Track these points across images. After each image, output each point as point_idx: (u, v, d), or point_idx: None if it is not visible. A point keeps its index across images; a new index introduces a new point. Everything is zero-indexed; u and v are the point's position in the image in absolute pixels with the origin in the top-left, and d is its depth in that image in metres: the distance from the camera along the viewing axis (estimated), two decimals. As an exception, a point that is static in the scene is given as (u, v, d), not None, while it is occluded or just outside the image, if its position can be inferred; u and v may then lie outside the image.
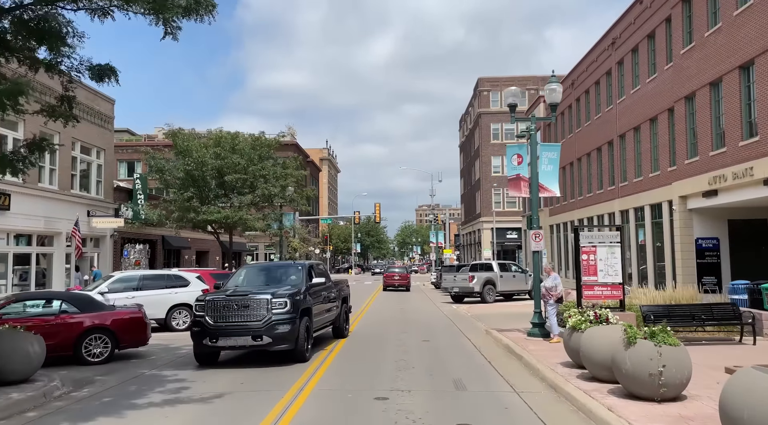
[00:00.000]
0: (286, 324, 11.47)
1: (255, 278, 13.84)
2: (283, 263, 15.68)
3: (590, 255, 13.31)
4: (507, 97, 14.33)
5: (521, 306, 26.97)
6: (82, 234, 26.87)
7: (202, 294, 14.58)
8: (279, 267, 14.78)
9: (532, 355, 11.70)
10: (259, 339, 11.35)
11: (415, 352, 13.17)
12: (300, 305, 11.99)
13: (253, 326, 11.41)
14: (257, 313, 11.46)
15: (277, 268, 14.52)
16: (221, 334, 11.39)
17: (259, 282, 13.43)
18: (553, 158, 14.45)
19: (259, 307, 11.51)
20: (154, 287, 18.01)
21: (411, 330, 17.65)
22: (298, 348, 11.73)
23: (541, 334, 14.02)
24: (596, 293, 13.24)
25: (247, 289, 12.54)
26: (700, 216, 23.97)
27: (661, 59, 26.52)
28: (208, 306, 11.59)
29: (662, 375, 7.55)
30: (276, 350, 11.55)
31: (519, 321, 18.73)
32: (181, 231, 34.94)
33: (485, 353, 12.99)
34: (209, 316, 11.49)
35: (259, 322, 11.44)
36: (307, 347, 12.05)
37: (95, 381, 10.65)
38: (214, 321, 11.46)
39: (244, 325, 11.44)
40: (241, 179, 28.56)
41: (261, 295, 11.71)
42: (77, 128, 27.31)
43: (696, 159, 23.27)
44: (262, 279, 13.72)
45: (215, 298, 11.71)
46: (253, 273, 14.29)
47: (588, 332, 9.37)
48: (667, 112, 26.01)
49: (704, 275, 23.56)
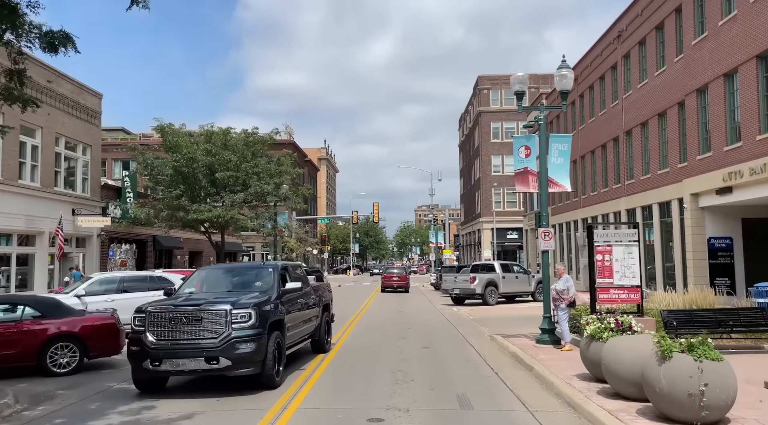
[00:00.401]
0: (250, 342, 9.13)
1: (215, 283, 11.43)
2: (250, 265, 13.12)
3: (605, 255, 12.20)
4: (514, 84, 13.21)
5: (525, 308, 25.85)
6: (67, 234, 25.73)
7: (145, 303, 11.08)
8: (245, 269, 12.32)
9: (544, 366, 10.58)
10: (214, 362, 8.97)
11: (415, 361, 12.05)
12: (269, 317, 9.69)
13: (208, 345, 9.01)
14: (213, 328, 9.09)
15: (243, 271, 12.10)
16: (166, 355, 8.98)
17: (219, 289, 11.06)
18: (564, 150, 13.34)
19: (215, 321, 9.11)
20: (136, 289, 16.83)
21: (410, 335, 16.53)
22: (265, 372, 9.41)
23: (552, 341, 12.91)
24: (612, 296, 12.14)
25: (203, 297, 10.08)
26: (712, 214, 22.87)
27: (671, 51, 25.43)
28: (150, 319, 9.18)
29: (704, 396, 6.44)
30: (237, 375, 9.26)
31: (524, 326, 17.62)
32: (173, 231, 33.79)
33: (491, 362, 11.86)
34: (151, 332, 9.11)
35: (215, 340, 9.03)
36: (277, 369, 9.75)
37: (56, 396, 9.52)
38: (157, 338, 9.07)
39: (196, 344, 9.03)
40: (233, 177, 27.40)
41: (218, 305, 9.27)
42: (61, 123, 26.35)
43: (709, 154, 22.16)
44: (223, 284, 11.33)
45: (159, 309, 9.29)
46: (213, 277, 11.79)
47: (611, 342, 8.25)
48: (677, 106, 24.91)
49: (717, 276, 22.46)
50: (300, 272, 12.81)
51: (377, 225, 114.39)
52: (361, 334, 17.02)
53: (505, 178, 67.43)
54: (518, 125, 68.00)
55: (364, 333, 17.18)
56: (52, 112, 25.01)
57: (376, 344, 14.84)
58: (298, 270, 12.77)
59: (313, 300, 12.70)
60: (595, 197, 35.24)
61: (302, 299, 11.80)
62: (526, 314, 22.57)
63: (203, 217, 26.15)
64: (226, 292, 10.70)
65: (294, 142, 71.17)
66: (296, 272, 12.44)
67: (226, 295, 10.30)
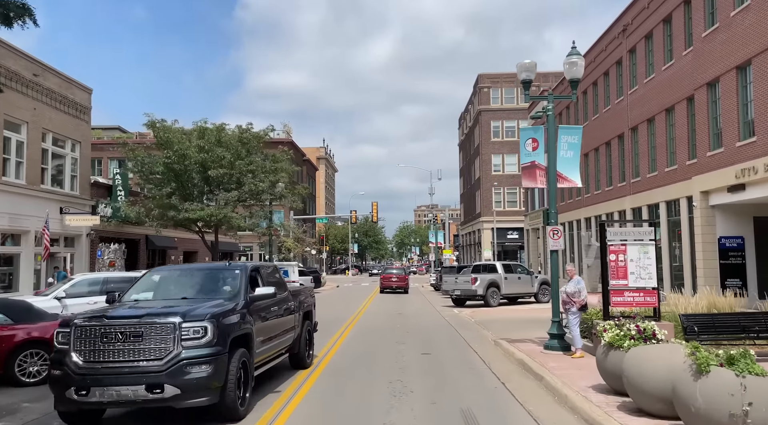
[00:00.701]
0: (205, 364, 7.24)
1: (169, 288, 9.47)
2: (214, 266, 10.71)
3: (619, 254, 11.33)
4: (520, 71, 12.34)
5: (528, 310, 25.01)
6: (54, 233, 24.88)
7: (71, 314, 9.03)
8: (207, 271, 10.05)
9: (555, 375, 9.71)
10: (158, 391, 7.05)
11: (414, 370, 11.18)
12: (232, 330, 7.86)
13: (150, 368, 7.08)
14: (157, 347, 7.17)
15: (204, 273, 9.91)
16: (96, 382, 7.04)
17: (173, 295, 9.14)
18: (574, 143, 12.48)
19: (160, 337, 7.20)
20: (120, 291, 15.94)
21: (409, 339, 15.67)
22: (226, 401, 7.52)
23: (561, 347, 12.04)
24: (626, 299, 11.26)
25: (148, 307, 8.17)
26: (723, 213, 22.02)
27: (679, 44, 24.57)
28: (76, 334, 7.26)
29: (748, 417, 5.59)
30: (189, 406, 7.32)
31: (530, 329, 16.77)
32: (168, 231, 32.88)
33: (497, 370, 10.99)
34: (78, 352, 7.19)
35: (160, 362, 7.11)
36: (242, 397, 7.89)
37: (19, 409, 8.66)
38: (84, 359, 7.15)
39: (135, 367, 7.10)
40: (227, 174, 26.51)
41: (164, 318, 7.35)
42: (48, 118, 25.44)
43: (720, 150, 21.31)
44: (179, 289, 9.34)
45: (89, 322, 7.35)
46: (167, 280, 9.79)
47: (634, 352, 7.39)
48: (685, 101, 24.06)
49: (728, 277, 21.61)
50: (276, 275, 11.02)
51: (376, 225, 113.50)
52: (357, 338, 16.16)
53: (506, 178, 66.65)
54: (519, 124, 67.18)
55: (360, 338, 16.31)
56: (38, 107, 24.15)
57: (372, 349, 13.98)
58: (272, 272, 10.95)
59: (292, 308, 10.77)
60: (598, 196, 34.39)
61: (277, 307, 9.93)
62: (530, 316, 21.73)
63: (195, 216, 25.25)
64: (179, 300, 8.73)
65: (292, 141, 70.29)
66: (270, 275, 10.63)
67: (178, 304, 8.28)
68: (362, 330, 18.05)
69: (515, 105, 67.65)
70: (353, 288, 49.32)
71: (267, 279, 10.16)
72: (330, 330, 17.74)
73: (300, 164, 75.64)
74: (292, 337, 10.80)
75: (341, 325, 19.44)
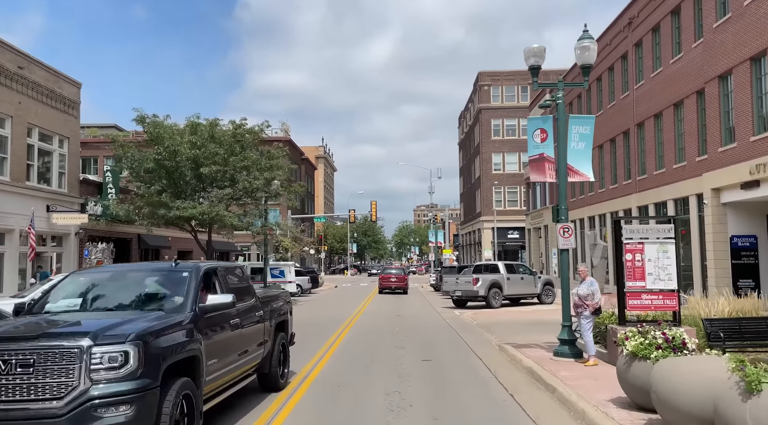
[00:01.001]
0: (123, 404, 5.27)
1: (94, 296, 7.25)
2: (156, 266, 8.71)
3: (636, 254, 10.47)
4: (528, 56, 11.45)
5: (532, 312, 24.16)
6: (41, 232, 24.01)
7: None
8: (145, 274, 7.86)
9: (568, 386, 8.83)
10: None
11: (414, 379, 10.30)
12: (168, 355, 5.82)
13: (43, 412, 5.14)
14: (55, 382, 5.21)
15: (141, 277, 7.73)
16: None
17: (98, 305, 7.08)
18: (586, 134, 11.60)
19: (59, 367, 5.24)
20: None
21: (408, 344, 14.79)
22: None
23: (572, 354, 11.16)
24: (644, 303, 10.41)
25: (53, 321, 6.24)
26: (735, 210, 21.15)
27: (688, 36, 23.70)
28: None
29: (810, 445, 4.70)
30: None
31: (535, 332, 15.91)
32: (161, 230, 32.01)
33: (504, 380, 10.11)
34: None
35: (58, 403, 5.15)
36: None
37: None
38: None
39: (21, 411, 5.16)
40: (221, 171, 25.61)
41: (66, 340, 5.39)
42: (34, 112, 24.50)
43: (733, 145, 20.44)
44: (107, 298, 7.21)
45: None
46: (93, 285, 7.49)
47: (664, 365, 6.51)
48: (695, 95, 23.18)
49: (740, 278, 20.75)
50: (240, 278, 8.76)
51: (375, 225, 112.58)
52: (353, 342, 15.28)
53: (506, 176, 65.82)
54: (519, 122, 66.38)
55: (357, 341, 15.43)
56: (23, 101, 23.25)
57: (369, 355, 13.11)
58: (235, 274, 8.65)
59: (260, 318, 8.70)
60: (603, 194, 33.51)
61: (239, 318, 7.82)
62: (534, 318, 20.88)
63: (186, 214, 24.32)
64: (103, 312, 6.77)
65: (290, 140, 69.43)
66: (232, 277, 8.37)
67: (94, 319, 6.31)
68: (359, 333, 17.18)
69: (516, 103, 66.87)
70: (352, 289, 48.46)
71: (228, 284, 8.01)
72: (325, 334, 16.89)
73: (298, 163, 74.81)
74: (261, 354, 8.72)
75: (337, 328, 18.58)
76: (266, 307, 9.09)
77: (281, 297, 10.30)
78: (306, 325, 19.49)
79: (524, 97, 66.18)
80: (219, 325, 7.23)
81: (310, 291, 39.83)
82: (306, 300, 33.13)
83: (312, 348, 14.05)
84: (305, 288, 38.01)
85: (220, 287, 7.80)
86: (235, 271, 8.81)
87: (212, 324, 7.03)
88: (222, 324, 7.31)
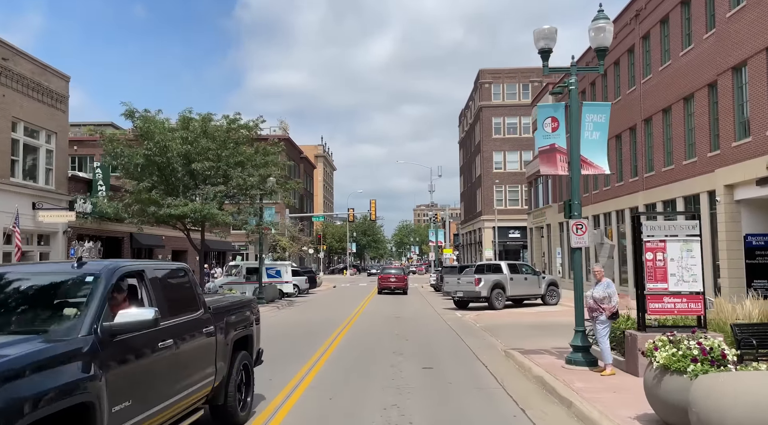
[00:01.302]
0: None
1: None
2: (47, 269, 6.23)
3: (657, 253, 9.56)
4: (538, 39, 10.52)
5: (536, 313, 23.26)
6: (27, 230, 23.08)
7: None
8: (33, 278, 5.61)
9: (586, 400, 7.92)
10: None
11: (414, 390, 9.39)
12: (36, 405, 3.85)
13: None
14: None
15: (26, 283, 5.48)
16: None
17: None
18: (601, 122, 10.69)
19: None
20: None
21: (407, 349, 13.88)
22: None
23: (586, 362, 10.24)
24: (666, 306, 9.51)
25: None
26: (750, 208, 20.26)
27: (699, 27, 22.79)
28: None
29: None
30: None
31: (542, 336, 15.02)
32: (155, 228, 31.10)
33: (513, 391, 9.20)
34: None
35: None
36: None
37: None
38: None
39: None
40: (213, 167, 24.67)
41: None
42: (19, 106, 23.52)
43: (747, 140, 19.54)
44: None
45: None
46: None
47: (706, 382, 5.61)
48: (707, 88, 22.27)
49: (755, 278, 19.79)
50: (181, 283, 6.59)
51: (375, 224, 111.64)
52: (349, 347, 14.37)
53: (507, 175, 64.93)
54: (521, 120, 65.49)
55: (353, 346, 14.52)
56: (7, 94, 22.30)
57: (365, 360, 12.20)
58: (174, 277, 6.52)
59: (209, 334, 6.61)
60: (608, 192, 32.61)
61: (173, 339, 5.74)
62: (540, 321, 19.99)
63: (177, 212, 23.37)
64: None
65: (289, 138, 68.53)
66: (170, 282, 6.34)
67: None
68: (356, 337, 16.27)
69: (517, 101, 66.02)
70: (350, 289, 47.57)
71: (163, 292, 5.90)
72: (319, 339, 15.99)
73: (297, 161, 73.87)
74: (212, 382, 6.66)
75: (333, 331, 17.67)
76: (220, 320, 6.99)
77: (244, 305, 8.11)
78: (300, 327, 18.60)
79: (525, 95, 65.29)
80: (137, 351, 5.14)
81: (307, 291, 38.93)
82: (303, 301, 32.23)
83: (306, 353, 13.15)
84: (302, 289, 37.10)
85: (148, 296, 5.65)
86: (176, 274, 6.57)
87: (125, 351, 4.96)
88: (142, 349, 5.22)
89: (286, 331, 17.97)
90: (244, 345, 7.79)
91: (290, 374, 10.66)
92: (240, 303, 8.07)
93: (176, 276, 6.58)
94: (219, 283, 30.55)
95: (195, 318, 6.40)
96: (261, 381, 10.00)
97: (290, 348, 14.07)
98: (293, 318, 22.64)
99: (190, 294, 6.62)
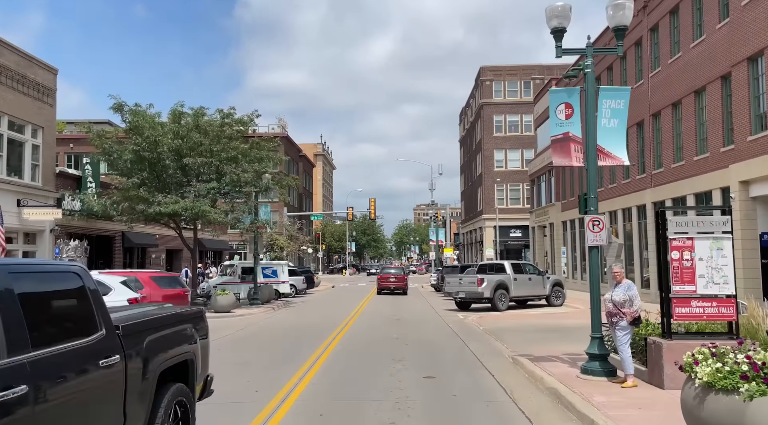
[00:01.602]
0: None
1: None
2: None
3: (684, 252, 8.64)
4: (550, 17, 9.59)
5: (542, 315, 22.34)
6: (12, 228, 22.14)
7: None
8: None
9: (610, 418, 7.00)
10: None
11: (415, 404, 8.47)
12: None
13: None
14: None
15: None
16: None
17: None
18: (620, 109, 9.75)
19: None
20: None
21: (408, 355, 12.95)
22: None
23: (604, 372, 9.31)
24: (694, 311, 8.60)
25: None
26: (766, 205, 19.35)
27: (712, 17, 21.87)
28: None
29: None
30: None
31: (552, 341, 14.10)
32: (148, 227, 30.17)
33: (524, 405, 8.28)
34: None
35: None
36: None
37: None
38: None
39: None
40: (206, 163, 23.74)
41: None
42: (3, 99, 22.69)
43: (764, 134, 18.61)
44: None
45: None
46: None
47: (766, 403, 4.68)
48: (719, 81, 21.35)
49: (771, 279, 18.98)
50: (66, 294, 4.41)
51: (375, 224, 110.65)
52: (343, 353, 13.44)
53: (508, 174, 64.01)
54: (522, 118, 64.55)
55: (348, 352, 13.59)
56: (-10, 86, 21.40)
57: (361, 368, 11.28)
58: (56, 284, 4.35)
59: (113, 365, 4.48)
60: (614, 190, 31.69)
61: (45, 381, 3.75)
62: (546, 323, 19.07)
63: (168, 210, 22.42)
64: None
65: (288, 136, 67.62)
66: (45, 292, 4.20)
67: None
68: (353, 341, 15.34)
69: (518, 98, 65.12)
70: (349, 289, 46.64)
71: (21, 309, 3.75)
72: (313, 343, 15.06)
73: (295, 159, 72.90)
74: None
75: (329, 334, 16.75)
76: (135, 344, 4.89)
77: (182, 318, 6.00)
78: (294, 330, 17.69)
79: (527, 93, 64.38)
80: None
81: (305, 291, 37.98)
82: (300, 302, 31.31)
83: (298, 360, 12.23)
84: (300, 289, 36.15)
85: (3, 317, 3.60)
86: (58, 281, 4.41)
87: None
88: None
89: (279, 334, 17.07)
90: (181, 375, 5.63)
91: (278, 385, 9.74)
92: (174, 316, 5.90)
93: (58, 283, 4.38)
94: (213, 283, 29.62)
95: (85, 345, 4.28)
96: (246, 394, 9.10)
97: (281, 354, 13.17)
98: (288, 320, 21.71)
99: (83, 310, 4.48)
